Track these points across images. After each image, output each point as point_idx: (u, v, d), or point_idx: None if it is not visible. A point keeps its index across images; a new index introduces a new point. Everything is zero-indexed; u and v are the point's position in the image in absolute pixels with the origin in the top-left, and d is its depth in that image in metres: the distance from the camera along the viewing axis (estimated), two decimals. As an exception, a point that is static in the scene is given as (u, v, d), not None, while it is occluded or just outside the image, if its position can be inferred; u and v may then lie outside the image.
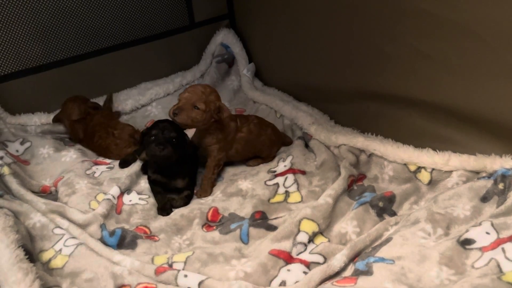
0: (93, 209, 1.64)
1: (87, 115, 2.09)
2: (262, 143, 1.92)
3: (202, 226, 1.61)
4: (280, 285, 1.34)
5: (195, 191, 1.82)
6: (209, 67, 2.55)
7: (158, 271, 1.35)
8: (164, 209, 1.69)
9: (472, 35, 1.41)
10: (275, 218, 1.60)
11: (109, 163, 1.97)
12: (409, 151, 1.68)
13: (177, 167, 1.76)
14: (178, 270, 1.35)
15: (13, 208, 1.57)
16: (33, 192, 1.75)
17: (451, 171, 1.57)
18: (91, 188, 1.76)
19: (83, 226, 1.55)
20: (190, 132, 1.87)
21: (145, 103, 2.38)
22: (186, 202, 1.74)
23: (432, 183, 1.61)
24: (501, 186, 1.40)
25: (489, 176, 1.46)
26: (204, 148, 1.82)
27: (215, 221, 1.63)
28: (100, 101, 2.28)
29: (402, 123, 1.76)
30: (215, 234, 1.56)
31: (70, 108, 2.09)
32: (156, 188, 1.77)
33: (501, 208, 1.33)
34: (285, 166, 1.85)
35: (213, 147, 1.81)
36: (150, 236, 1.56)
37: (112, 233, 1.53)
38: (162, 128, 1.67)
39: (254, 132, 1.89)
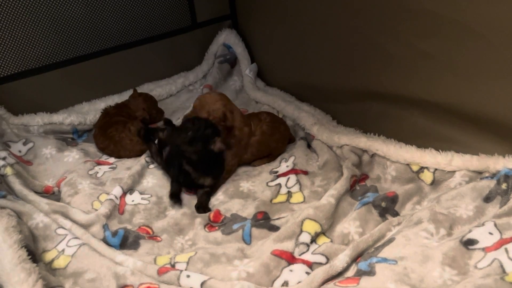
0: (96, 210, 1.64)
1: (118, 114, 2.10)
2: (276, 141, 1.93)
3: (205, 226, 1.61)
4: (283, 285, 1.34)
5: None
6: (211, 67, 2.55)
7: (161, 271, 1.35)
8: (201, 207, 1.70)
9: (476, 34, 1.41)
10: (277, 219, 1.60)
11: (111, 163, 1.97)
12: (412, 151, 1.68)
13: (208, 165, 1.73)
14: (181, 271, 1.35)
15: (16, 209, 1.57)
16: (36, 192, 1.76)
17: (454, 171, 1.57)
18: (94, 188, 1.77)
19: (85, 226, 1.56)
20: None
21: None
22: (208, 198, 1.75)
23: (435, 183, 1.61)
24: (504, 186, 1.40)
25: (492, 176, 1.46)
26: None
27: (217, 221, 1.63)
28: (102, 102, 2.30)
29: (404, 123, 1.76)
30: (217, 234, 1.56)
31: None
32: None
33: (504, 208, 1.32)
34: (287, 166, 1.85)
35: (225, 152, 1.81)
36: (153, 237, 1.56)
37: (114, 234, 1.53)
38: (197, 125, 1.68)
39: (268, 133, 1.90)
